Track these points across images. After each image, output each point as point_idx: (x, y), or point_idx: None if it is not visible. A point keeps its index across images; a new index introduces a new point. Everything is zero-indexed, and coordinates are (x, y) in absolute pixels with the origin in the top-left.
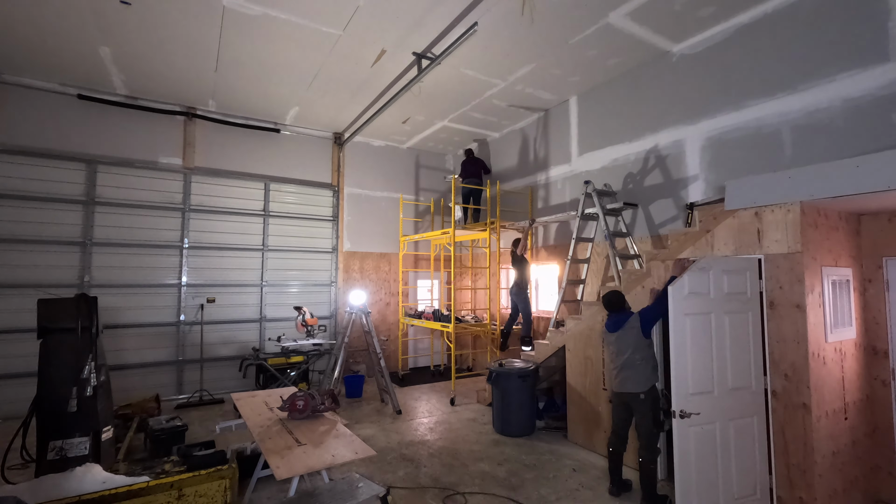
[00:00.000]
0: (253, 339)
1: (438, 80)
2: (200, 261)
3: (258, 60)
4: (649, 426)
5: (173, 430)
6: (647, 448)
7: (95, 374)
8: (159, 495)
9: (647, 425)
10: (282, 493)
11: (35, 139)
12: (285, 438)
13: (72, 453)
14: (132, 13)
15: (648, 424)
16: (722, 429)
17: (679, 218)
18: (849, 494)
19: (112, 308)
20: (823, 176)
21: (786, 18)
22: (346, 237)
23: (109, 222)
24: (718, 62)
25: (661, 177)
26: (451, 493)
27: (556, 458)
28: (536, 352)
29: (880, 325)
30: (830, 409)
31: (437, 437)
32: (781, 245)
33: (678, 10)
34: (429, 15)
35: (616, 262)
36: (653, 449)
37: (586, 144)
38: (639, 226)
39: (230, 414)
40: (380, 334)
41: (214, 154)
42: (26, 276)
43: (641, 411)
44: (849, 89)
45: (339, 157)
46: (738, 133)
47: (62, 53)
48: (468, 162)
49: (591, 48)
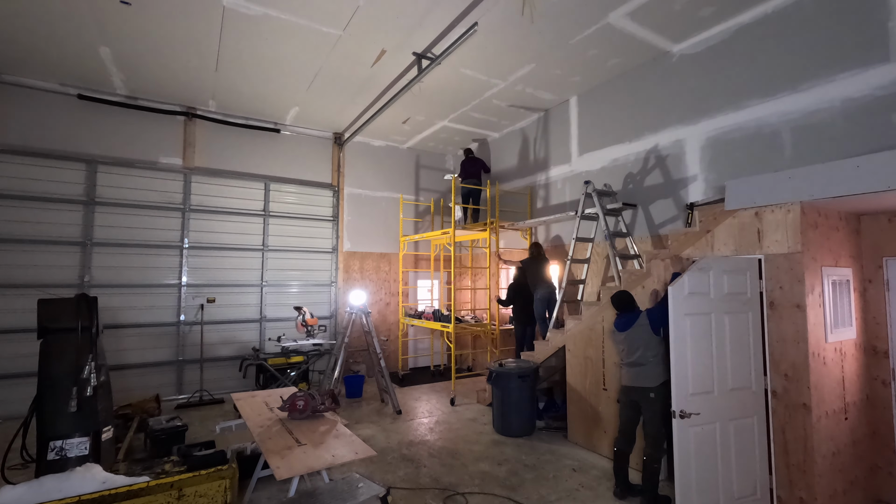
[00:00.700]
0: (253, 339)
1: (438, 80)
2: (200, 261)
3: (258, 60)
4: (658, 425)
5: (173, 430)
6: (653, 446)
7: (95, 374)
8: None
9: (656, 423)
10: (282, 494)
11: (35, 139)
12: (285, 438)
13: (72, 453)
14: (132, 13)
15: (658, 423)
16: (722, 429)
17: (679, 218)
18: (849, 494)
19: (112, 308)
20: (823, 176)
21: (786, 18)
22: (346, 237)
23: (109, 222)
24: (718, 62)
25: (661, 177)
26: (451, 494)
27: (556, 458)
28: (536, 352)
29: (880, 325)
30: (830, 409)
31: (437, 438)
32: (781, 245)
33: (678, 10)
34: (429, 15)
35: (616, 263)
36: (659, 448)
37: (586, 144)
38: (639, 226)
39: (230, 414)
40: (380, 334)
41: (214, 154)
42: (26, 276)
43: (652, 409)
44: (849, 89)
45: (339, 157)
46: (738, 133)
47: (62, 53)
48: (468, 162)
49: (592, 48)
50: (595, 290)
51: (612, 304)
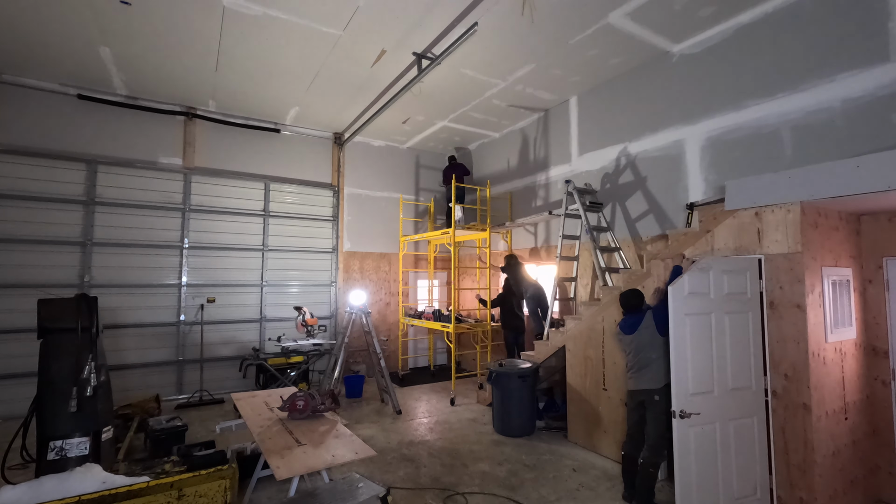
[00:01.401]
0: (253, 339)
1: (438, 80)
2: (200, 261)
3: (258, 60)
4: (662, 428)
5: (173, 430)
6: (652, 449)
7: (95, 374)
8: (159, 495)
9: (658, 427)
10: (282, 494)
11: (35, 139)
12: (285, 438)
13: (72, 453)
14: (132, 13)
15: (661, 427)
16: (722, 429)
17: (679, 218)
18: (849, 494)
19: (112, 308)
20: (823, 176)
21: (786, 18)
22: (346, 237)
23: (110, 222)
24: (718, 62)
25: (661, 177)
26: (451, 494)
27: (556, 458)
28: (536, 352)
29: (880, 325)
30: (830, 409)
31: (437, 437)
32: (781, 245)
33: (678, 10)
34: (429, 15)
35: (598, 257)
36: (658, 452)
37: (586, 144)
38: (639, 226)
39: (230, 414)
40: (380, 334)
41: (214, 154)
42: (26, 276)
43: (655, 412)
44: (849, 89)
45: (339, 157)
46: (738, 133)
47: (62, 53)
48: (448, 168)
49: (592, 48)
50: (587, 286)
51: (619, 304)
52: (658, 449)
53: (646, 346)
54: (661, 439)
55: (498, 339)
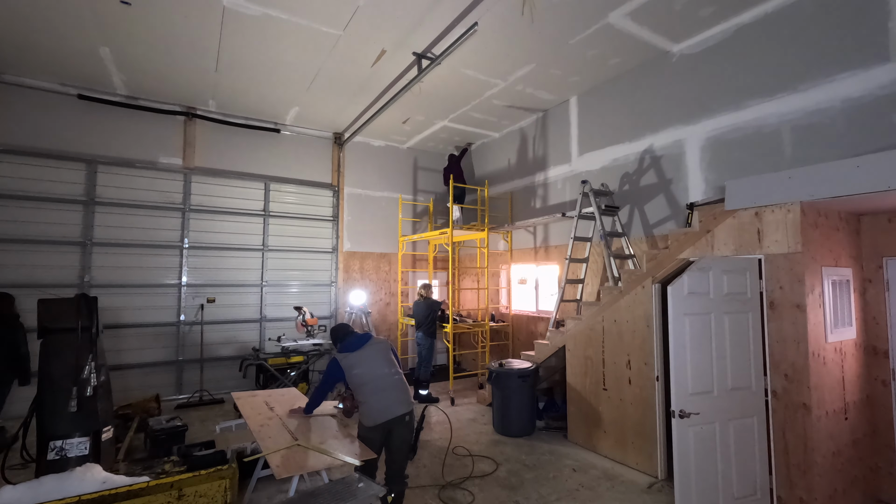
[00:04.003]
0: (253, 339)
1: (438, 80)
2: (200, 261)
3: (258, 60)
4: None
5: (173, 430)
6: None
7: (95, 374)
8: (159, 495)
9: None
10: (282, 494)
11: (35, 139)
12: (285, 438)
13: (72, 453)
14: (132, 13)
15: None
16: (722, 429)
17: (679, 218)
18: (849, 494)
19: (112, 308)
20: (823, 176)
21: (786, 18)
22: (346, 237)
23: (109, 222)
24: (718, 62)
25: (661, 177)
26: (451, 493)
27: (556, 458)
28: (536, 352)
29: (880, 325)
30: (830, 409)
31: (436, 437)
32: (781, 245)
33: (678, 10)
34: (429, 15)
35: (611, 263)
36: None
37: (586, 144)
38: (637, 226)
39: (230, 414)
40: (380, 334)
41: (214, 154)
42: (26, 276)
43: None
44: (849, 89)
45: (339, 157)
46: (738, 133)
47: (62, 53)
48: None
49: (591, 48)
50: (595, 290)
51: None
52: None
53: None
54: None
55: (498, 339)
